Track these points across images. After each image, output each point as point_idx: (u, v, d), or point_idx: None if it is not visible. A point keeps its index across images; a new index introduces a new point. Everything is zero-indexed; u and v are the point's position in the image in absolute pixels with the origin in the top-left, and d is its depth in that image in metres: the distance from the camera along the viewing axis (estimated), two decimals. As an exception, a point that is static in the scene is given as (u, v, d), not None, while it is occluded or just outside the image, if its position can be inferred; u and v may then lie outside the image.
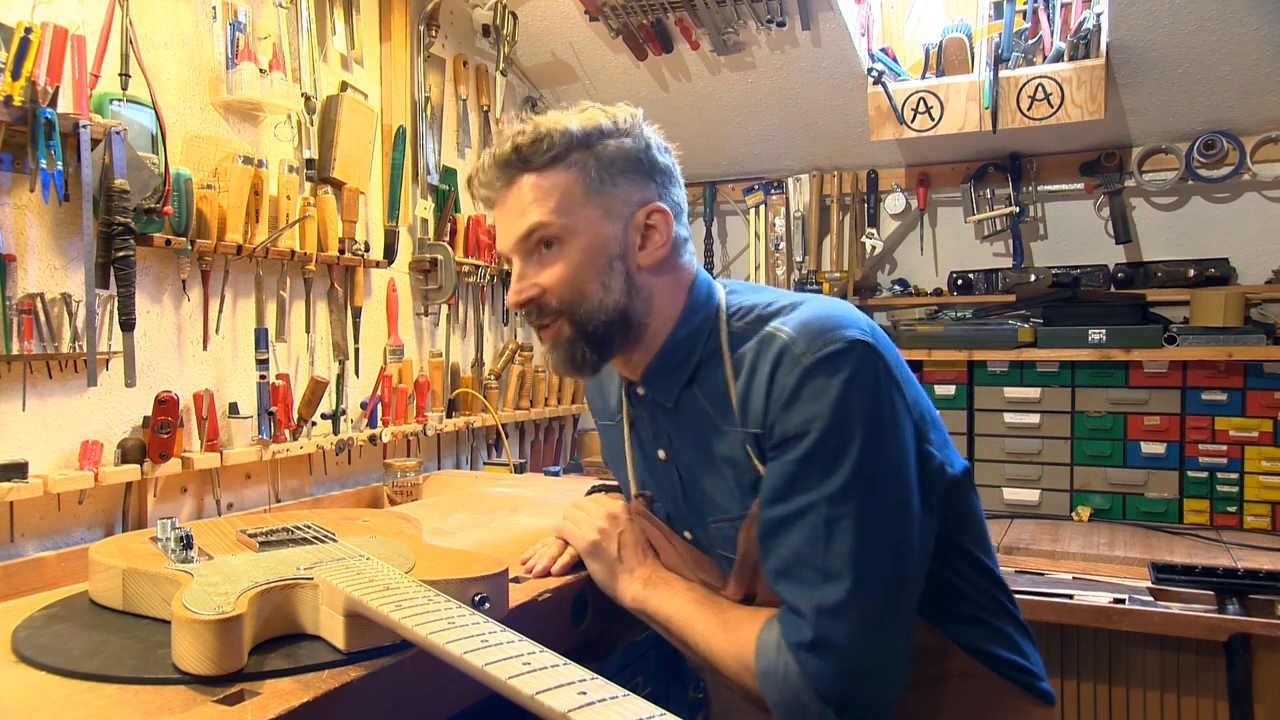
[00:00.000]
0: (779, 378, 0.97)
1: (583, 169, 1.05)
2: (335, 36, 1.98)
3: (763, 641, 0.96)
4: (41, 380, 1.43)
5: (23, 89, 1.30)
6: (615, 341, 1.07)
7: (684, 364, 1.08)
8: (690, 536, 1.14)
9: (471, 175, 1.11)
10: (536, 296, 1.06)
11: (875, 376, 0.96)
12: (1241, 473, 2.25)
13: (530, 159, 1.05)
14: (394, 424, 2.06)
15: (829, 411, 0.94)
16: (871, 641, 0.92)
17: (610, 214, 1.05)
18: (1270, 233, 2.43)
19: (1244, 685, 1.70)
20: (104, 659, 0.87)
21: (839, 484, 0.93)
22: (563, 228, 1.04)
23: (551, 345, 1.08)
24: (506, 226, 1.07)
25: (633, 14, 2.36)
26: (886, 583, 0.94)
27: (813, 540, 0.93)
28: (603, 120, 1.07)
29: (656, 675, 1.56)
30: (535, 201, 1.04)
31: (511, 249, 1.07)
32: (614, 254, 1.05)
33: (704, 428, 1.07)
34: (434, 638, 0.75)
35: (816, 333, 0.97)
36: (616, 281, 1.05)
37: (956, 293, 2.71)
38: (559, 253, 1.05)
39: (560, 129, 1.05)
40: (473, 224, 2.37)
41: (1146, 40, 2.19)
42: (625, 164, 1.06)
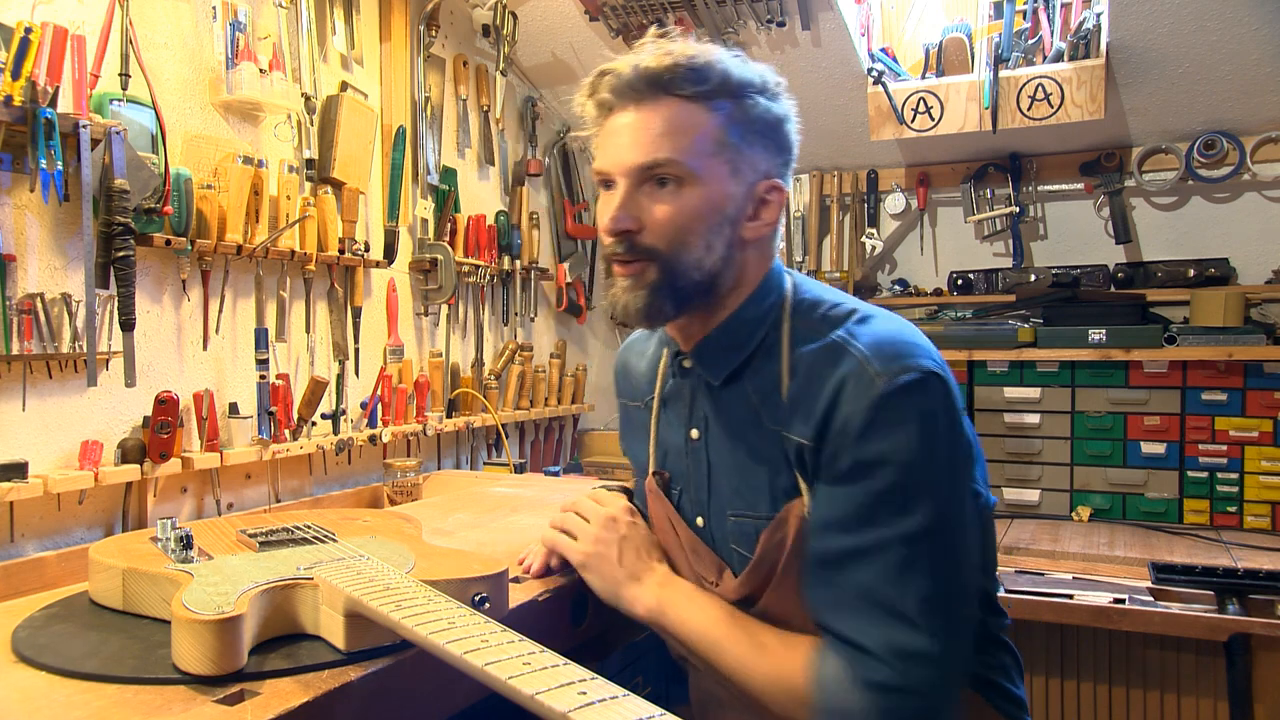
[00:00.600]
0: (847, 398, 0.93)
1: (728, 117, 0.99)
2: (335, 36, 1.98)
3: (825, 676, 0.92)
4: (41, 380, 1.43)
5: (23, 89, 1.30)
6: (695, 302, 1.02)
7: (742, 345, 1.04)
8: (702, 524, 1.10)
9: (601, 72, 1.01)
10: (634, 230, 0.99)
11: (951, 413, 0.95)
12: (1241, 473, 2.25)
13: (682, 85, 0.98)
14: (394, 424, 2.06)
15: (909, 446, 0.91)
16: (949, 688, 0.91)
17: (737, 174, 1.00)
18: (1270, 233, 2.43)
19: (1244, 685, 1.70)
20: (104, 659, 0.87)
21: (918, 524, 0.90)
22: (690, 172, 0.98)
23: (630, 285, 1.01)
24: (626, 145, 0.99)
25: (633, 14, 2.36)
26: (958, 627, 0.93)
27: (887, 579, 0.90)
28: (756, 73, 1.01)
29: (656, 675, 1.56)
30: (670, 134, 0.98)
31: (623, 171, 1.00)
32: (727, 216, 1.00)
33: (745, 419, 1.03)
34: (434, 638, 0.75)
35: (891, 356, 0.94)
36: (719, 244, 1.00)
37: (956, 293, 2.71)
38: (674, 194, 0.99)
39: (722, 67, 0.98)
40: (473, 224, 2.37)
41: (1146, 40, 2.19)
42: (764, 128, 1.02)
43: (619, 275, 1.02)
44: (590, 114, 1.06)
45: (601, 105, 1.03)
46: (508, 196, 2.60)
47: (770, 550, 1.02)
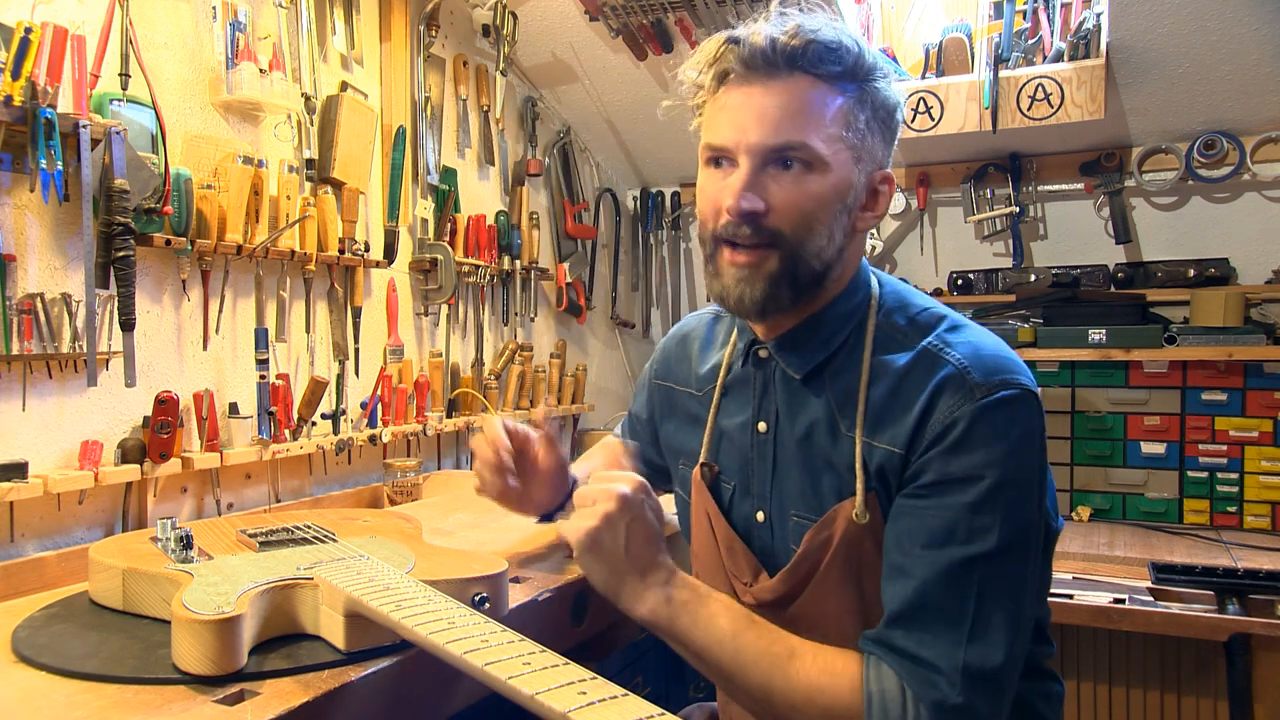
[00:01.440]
0: (944, 406, 0.90)
1: (857, 102, 0.95)
2: (335, 36, 1.98)
3: (877, 693, 0.87)
4: (41, 380, 1.43)
5: (23, 89, 1.30)
6: (809, 292, 0.98)
7: (828, 342, 1.00)
8: (763, 519, 1.05)
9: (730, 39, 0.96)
10: (761, 212, 0.94)
11: (1042, 435, 0.93)
12: (1241, 473, 2.25)
13: (817, 64, 0.93)
14: (394, 424, 2.06)
15: (1005, 462, 0.88)
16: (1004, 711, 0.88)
17: (860, 161, 0.96)
18: (1270, 233, 2.43)
19: (1244, 685, 1.69)
20: (104, 659, 0.87)
21: (1002, 541, 0.87)
22: (821, 157, 0.93)
23: (748, 273, 0.96)
24: (755, 123, 0.94)
25: (633, 14, 2.36)
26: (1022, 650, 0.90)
27: (964, 597, 0.87)
28: (880, 58, 0.97)
29: (656, 675, 1.56)
30: (803, 114, 0.93)
31: (749, 149, 0.94)
32: (848, 205, 0.97)
33: (819, 419, 1.00)
34: (434, 638, 0.75)
35: (991, 369, 0.91)
36: (839, 233, 0.97)
37: (956, 293, 2.71)
38: (803, 179, 0.94)
39: (857, 48, 0.94)
40: (473, 224, 2.37)
41: (1146, 40, 2.19)
42: (884, 115, 0.98)
43: (732, 263, 0.97)
44: (704, 82, 1.00)
45: (722, 75, 0.97)
46: (508, 196, 2.60)
47: (814, 549, 0.99)
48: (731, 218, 0.95)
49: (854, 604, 0.98)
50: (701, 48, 0.99)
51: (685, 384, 1.19)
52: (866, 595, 0.97)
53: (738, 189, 0.94)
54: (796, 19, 0.95)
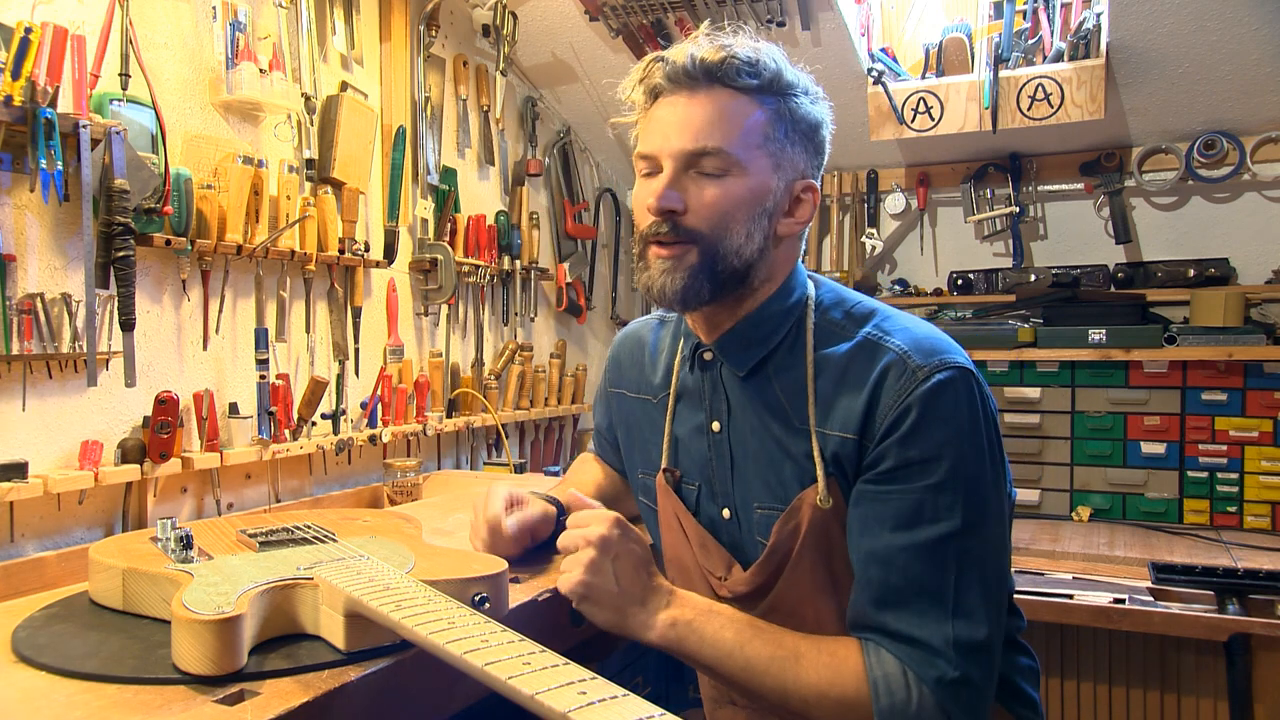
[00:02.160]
0: (889, 392, 0.96)
1: (775, 114, 1.02)
2: (335, 36, 1.98)
3: (882, 678, 0.91)
4: (41, 380, 1.43)
5: (23, 89, 1.30)
6: (729, 289, 1.04)
7: (767, 338, 1.06)
8: (729, 515, 1.10)
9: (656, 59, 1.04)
10: (679, 211, 1.01)
11: (989, 409, 0.98)
12: (1241, 473, 2.25)
13: (734, 78, 1.01)
14: (394, 424, 2.05)
15: (959, 440, 0.93)
16: (994, 680, 0.93)
17: (779, 169, 1.03)
18: (1270, 233, 2.43)
19: (1244, 685, 1.70)
20: (104, 659, 0.87)
21: (969, 517, 0.92)
22: (738, 162, 1.00)
23: (670, 267, 1.02)
24: (677, 131, 1.01)
25: (633, 14, 2.36)
26: (1002, 620, 0.95)
27: (943, 573, 0.91)
28: (802, 77, 1.05)
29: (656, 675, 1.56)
30: (721, 123, 1.00)
31: (671, 155, 1.01)
32: (767, 208, 1.03)
33: (771, 415, 1.05)
34: (434, 638, 0.75)
35: (929, 352, 0.97)
36: (758, 235, 1.02)
37: (956, 293, 2.71)
38: (720, 183, 1.01)
39: (774, 65, 1.02)
40: (473, 224, 2.37)
41: (1146, 40, 2.19)
42: (805, 129, 1.05)
43: (656, 256, 1.03)
44: (637, 99, 1.07)
45: (651, 91, 1.05)
46: (508, 196, 2.60)
47: (784, 539, 1.02)
48: (654, 216, 1.02)
49: (827, 585, 1.02)
50: (637, 66, 1.06)
51: (638, 390, 1.23)
52: (837, 576, 1.02)
53: (659, 190, 1.01)
54: (720, 39, 1.03)
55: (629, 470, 1.27)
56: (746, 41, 1.03)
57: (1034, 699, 1.10)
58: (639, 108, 1.08)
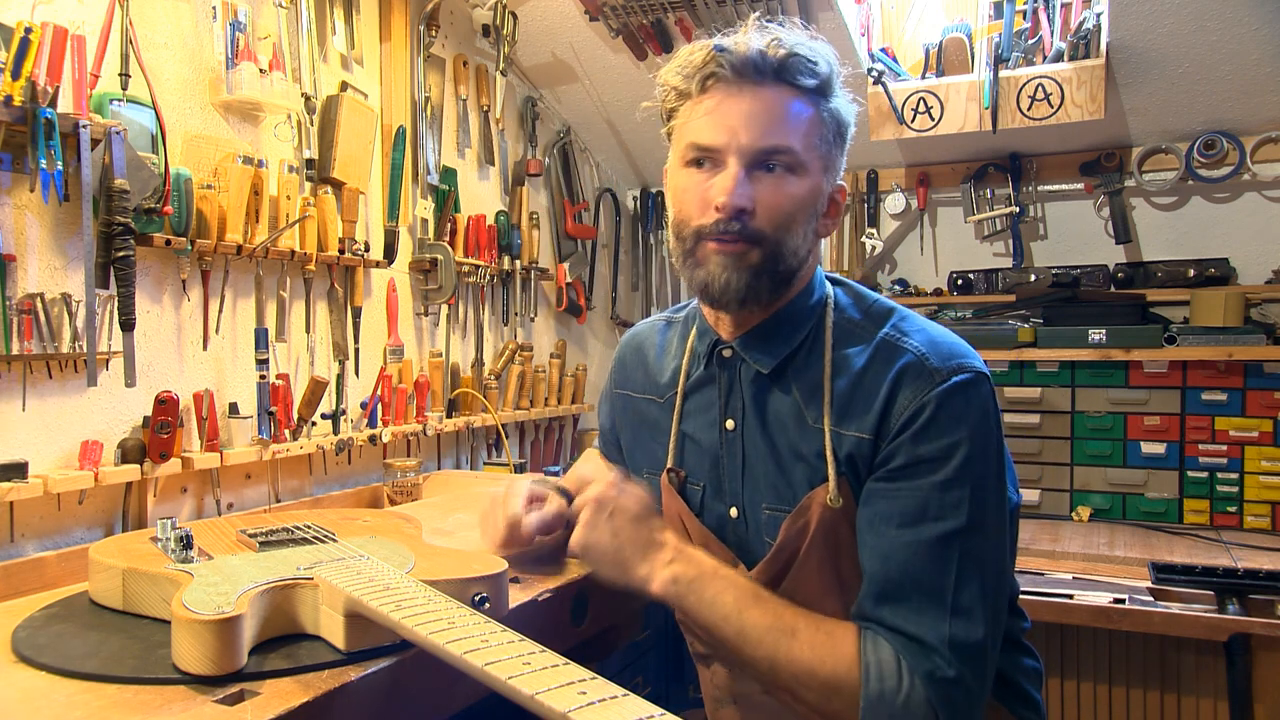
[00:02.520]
0: (907, 392, 0.96)
1: (830, 115, 1.03)
2: (335, 36, 1.98)
3: (875, 664, 0.91)
4: (41, 380, 1.43)
5: (23, 89, 1.30)
6: (783, 288, 1.04)
7: (790, 337, 1.06)
8: (736, 515, 1.10)
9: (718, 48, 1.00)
10: (749, 210, 1.00)
11: (998, 414, 0.99)
12: (1241, 473, 2.25)
13: (795, 78, 1.00)
14: (394, 424, 2.06)
15: (969, 442, 0.94)
16: (988, 681, 0.93)
17: (826, 171, 1.04)
18: (1270, 233, 2.43)
19: (1244, 685, 1.69)
20: (104, 659, 0.87)
21: (972, 518, 0.93)
22: (802, 162, 1.01)
23: (733, 265, 1.00)
24: (745, 125, 0.99)
25: (633, 14, 2.36)
26: (999, 623, 0.95)
27: (942, 572, 0.92)
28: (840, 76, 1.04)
29: (656, 675, 1.56)
30: (789, 120, 0.99)
31: (739, 150, 0.99)
32: (817, 209, 1.04)
33: (786, 414, 1.05)
34: (434, 638, 0.75)
35: (946, 355, 0.97)
36: (809, 234, 1.04)
37: (956, 293, 2.71)
38: (784, 182, 1.00)
39: (829, 65, 1.02)
40: (473, 224, 2.37)
41: (1146, 40, 2.19)
42: (843, 130, 1.06)
43: (717, 253, 1.01)
44: (687, 87, 1.03)
45: (709, 79, 1.01)
46: (508, 196, 2.60)
47: (792, 537, 1.02)
48: (722, 214, 1.00)
49: (834, 586, 1.02)
50: (687, 55, 1.04)
51: (644, 391, 1.23)
52: (844, 577, 1.02)
53: (730, 187, 0.99)
54: (777, 32, 1.02)
55: (633, 471, 1.27)
56: (804, 38, 1.02)
57: (1036, 700, 1.09)
58: (686, 95, 1.04)
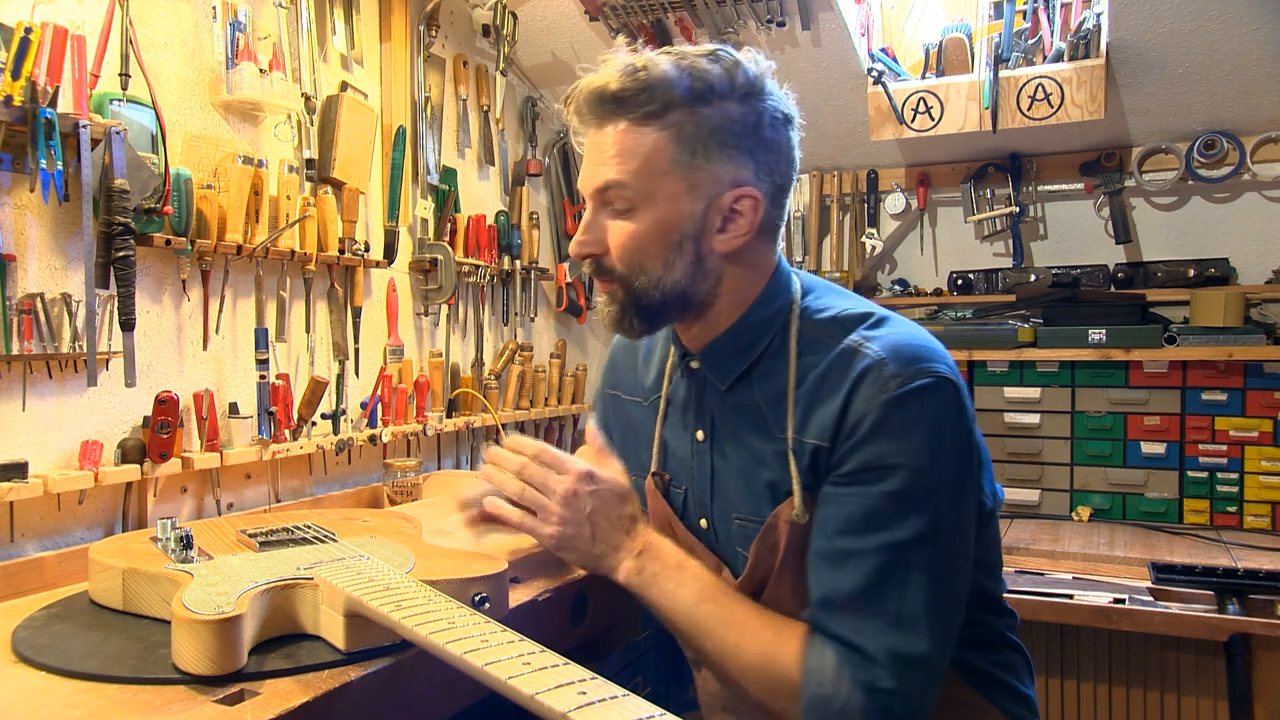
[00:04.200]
0: (861, 398, 0.93)
1: (677, 133, 0.96)
2: (335, 36, 1.98)
3: (816, 668, 0.91)
4: (41, 380, 1.43)
5: (23, 89, 1.30)
6: (669, 316, 1.03)
7: (748, 350, 1.03)
8: (705, 526, 1.09)
9: (569, 93, 1.02)
10: (598, 254, 1.01)
11: (961, 420, 0.94)
12: (1241, 473, 2.25)
13: (626, 106, 0.96)
14: (394, 424, 2.05)
15: (923, 449, 0.90)
16: (932, 693, 0.91)
17: (694, 190, 0.97)
18: (1270, 233, 2.43)
19: (1244, 685, 1.70)
20: (104, 659, 0.87)
21: (922, 528, 0.90)
22: (638, 195, 0.97)
23: (606, 302, 1.04)
24: (587, 169, 1.02)
25: (633, 14, 2.36)
26: (948, 636, 0.92)
27: (886, 582, 0.90)
28: (718, 76, 0.96)
29: (656, 675, 1.56)
30: (618, 156, 0.97)
31: (588, 194, 1.03)
32: (686, 233, 0.98)
33: (751, 424, 1.03)
34: (434, 638, 0.75)
35: (908, 360, 0.93)
36: (682, 261, 0.99)
37: (956, 293, 2.71)
38: (627, 219, 0.99)
39: (665, 82, 0.95)
40: (473, 224, 2.37)
41: (1146, 40, 2.19)
42: (726, 136, 0.96)
43: (598, 290, 1.06)
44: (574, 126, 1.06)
45: (573, 130, 1.05)
46: (508, 196, 2.60)
47: (763, 557, 1.02)
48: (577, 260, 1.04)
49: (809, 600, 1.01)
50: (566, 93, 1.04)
51: (632, 393, 1.22)
52: None
53: (578, 234, 1.03)
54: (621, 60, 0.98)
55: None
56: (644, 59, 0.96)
57: (1029, 696, 1.09)
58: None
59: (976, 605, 1.05)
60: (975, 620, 1.06)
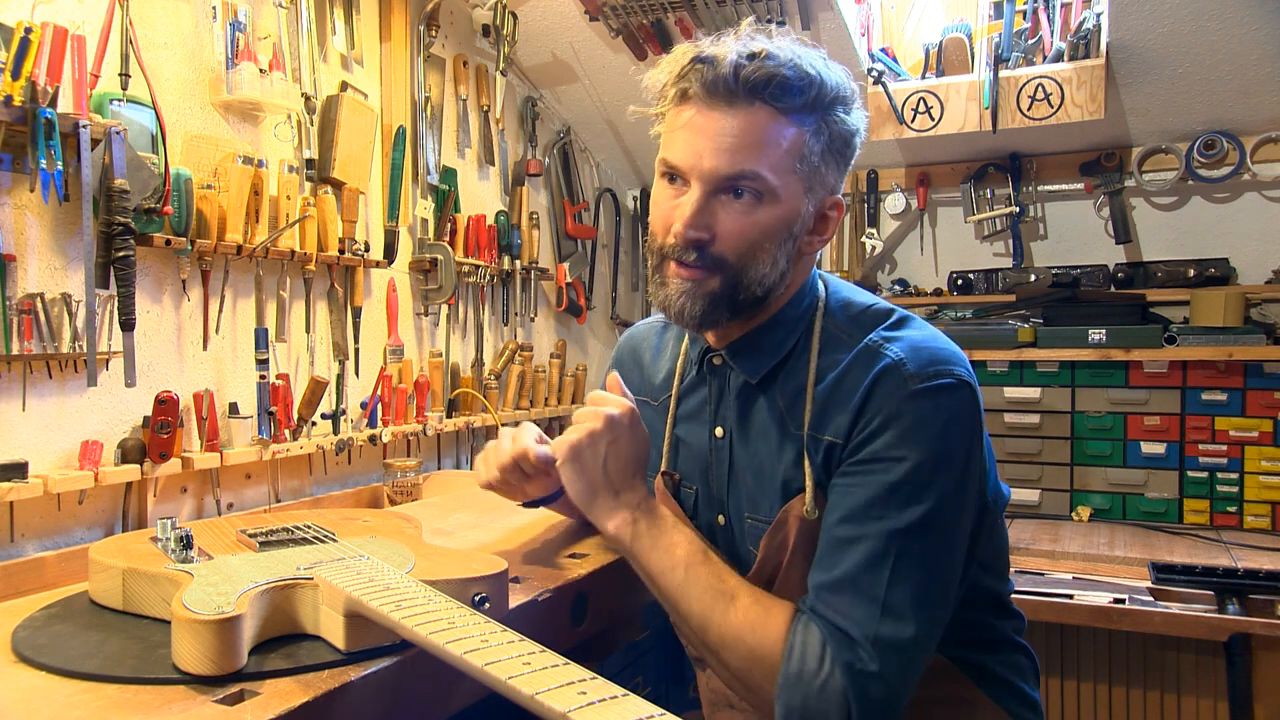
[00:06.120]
0: (879, 396, 0.94)
1: (814, 134, 0.97)
2: (335, 36, 1.98)
3: (800, 644, 0.92)
4: (41, 380, 1.43)
5: (23, 89, 1.30)
6: (748, 312, 1.02)
7: (778, 347, 1.04)
8: (723, 522, 1.09)
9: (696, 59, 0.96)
10: (706, 240, 0.97)
11: (972, 422, 0.96)
12: (1241, 473, 2.25)
13: (778, 97, 0.94)
14: (394, 424, 2.05)
15: (929, 445, 0.92)
16: (911, 679, 0.92)
17: (810, 191, 0.99)
18: (1270, 233, 2.43)
19: (1244, 685, 1.70)
20: (104, 659, 0.87)
21: (917, 518, 0.91)
22: (771, 189, 0.95)
23: (690, 290, 0.98)
24: (711, 149, 0.95)
25: (633, 14, 2.36)
26: (934, 628, 0.93)
27: (878, 568, 0.90)
28: (846, 85, 0.98)
29: (656, 675, 1.56)
30: (760, 145, 0.94)
31: (702, 176, 0.96)
32: (796, 231, 0.99)
33: (771, 420, 1.03)
34: (434, 638, 0.75)
35: (928, 361, 0.95)
36: (784, 258, 0.99)
37: (956, 293, 2.71)
38: (752, 208, 0.96)
39: (819, 81, 0.95)
40: (473, 224, 2.37)
41: (1146, 40, 2.19)
42: (840, 145, 0.99)
43: (676, 276, 0.99)
44: (666, 95, 1.01)
45: (684, 93, 0.98)
46: (508, 196, 2.60)
47: (772, 553, 1.02)
48: (678, 241, 0.98)
49: None
50: (670, 57, 1.00)
51: (639, 392, 1.22)
52: None
53: (687, 217, 0.96)
54: (763, 44, 0.97)
55: None
56: (791, 50, 0.96)
57: (1034, 699, 1.09)
58: (666, 101, 1.01)
59: (984, 606, 1.05)
60: (982, 621, 1.06)
